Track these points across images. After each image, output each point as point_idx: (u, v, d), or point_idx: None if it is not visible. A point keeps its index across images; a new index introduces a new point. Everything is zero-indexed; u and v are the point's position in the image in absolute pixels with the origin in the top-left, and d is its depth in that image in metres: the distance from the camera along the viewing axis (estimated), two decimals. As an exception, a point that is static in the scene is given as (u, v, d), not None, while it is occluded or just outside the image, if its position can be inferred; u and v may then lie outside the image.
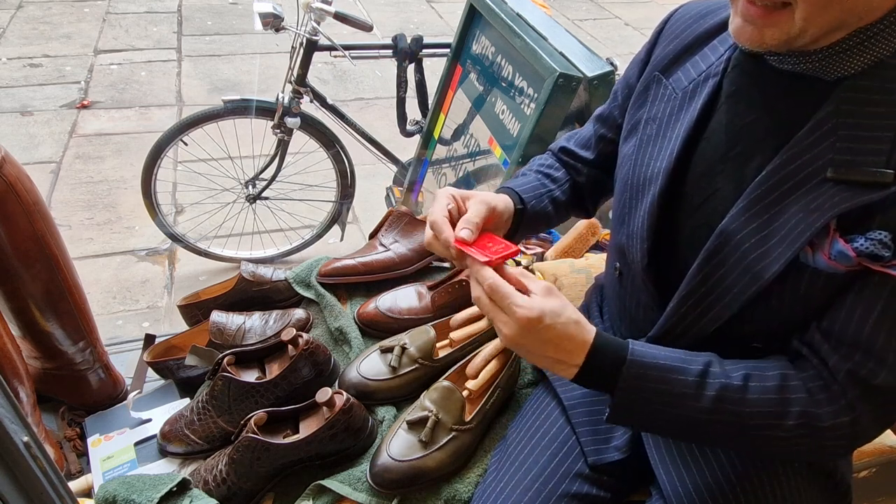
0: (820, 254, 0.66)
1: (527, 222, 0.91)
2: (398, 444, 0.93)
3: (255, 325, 1.15)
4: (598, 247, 1.58)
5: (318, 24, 2.08)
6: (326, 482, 0.93)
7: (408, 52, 2.30)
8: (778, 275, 0.67)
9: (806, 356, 0.71)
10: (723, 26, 0.79)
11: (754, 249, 0.69)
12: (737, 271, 0.71)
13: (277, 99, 2.18)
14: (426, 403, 0.96)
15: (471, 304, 1.12)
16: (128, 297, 2.39)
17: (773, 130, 0.70)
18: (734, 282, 0.71)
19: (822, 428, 0.69)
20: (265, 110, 2.19)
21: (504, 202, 0.85)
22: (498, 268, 0.72)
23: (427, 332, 1.06)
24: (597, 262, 1.35)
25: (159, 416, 1.11)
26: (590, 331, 0.70)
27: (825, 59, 0.65)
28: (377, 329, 1.16)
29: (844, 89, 0.65)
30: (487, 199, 0.81)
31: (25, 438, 0.54)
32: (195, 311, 1.22)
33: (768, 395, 0.69)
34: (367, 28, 2.09)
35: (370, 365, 1.04)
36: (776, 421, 0.69)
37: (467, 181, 2.02)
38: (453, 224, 0.78)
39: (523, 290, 0.70)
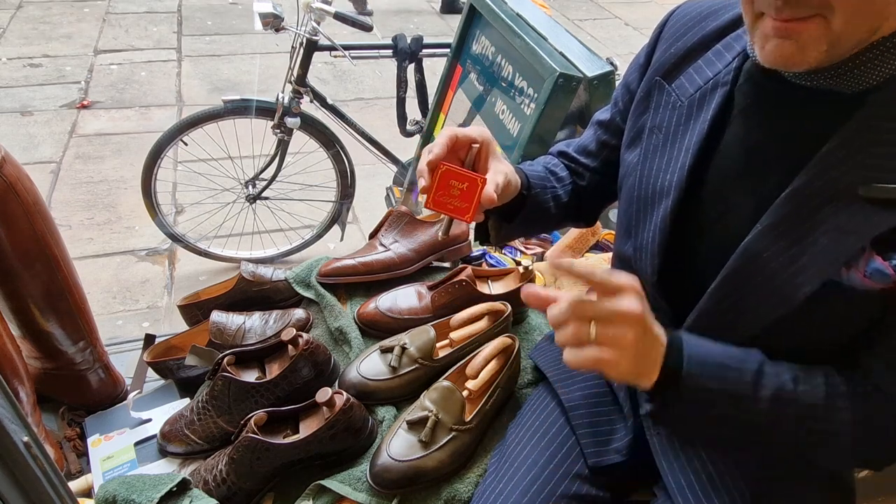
0: (854, 272, 0.64)
1: (528, 208, 0.89)
2: (398, 444, 0.93)
3: (255, 325, 1.15)
4: (598, 247, 1.58)
5: (318, 24, 2.08)
6: (326, 482, 0.93)
7: (408, 52, 2.30)
8: (811, 294, 0.66)
9: (854, 377, 0.70)
10: (726, 29, 0.77)
11: (783, 269, 0.67)
12: (763, 291, 0.69)
13: (277, 99, 2.18)
14: (426, 403, 0.96)
15: (470, 304, 1.12)
16: (128, 297, 2.39)
17: (790, 147, 0.68)
18: (760, 302, 0.69)
19: (871, 429, 0.69)
20: (265, 110, 2.19)
21: (515, 177, 0.83)
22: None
23: (427, 332, 1.06)
24: (597, 263, 1.35)
25: (159, 416, 1.11)
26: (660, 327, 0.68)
27: (845, 73, 0.62)
28: (377, 329, 1.16)
29: (871, 104, 0.62)
30: (507, 171, 0.80)
31: (25, 438, 0.54)
32: (195, 311, 1.22)
33: (817, 398, 0.68)
34: (367, 28, 2.09)
35: (370, 365, 1.04)
36: (825, 424, 0.68)
37: (467, 181, 2.02)
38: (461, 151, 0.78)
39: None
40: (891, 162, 0.62)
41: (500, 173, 0.77)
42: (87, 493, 1.04)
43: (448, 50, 2.17)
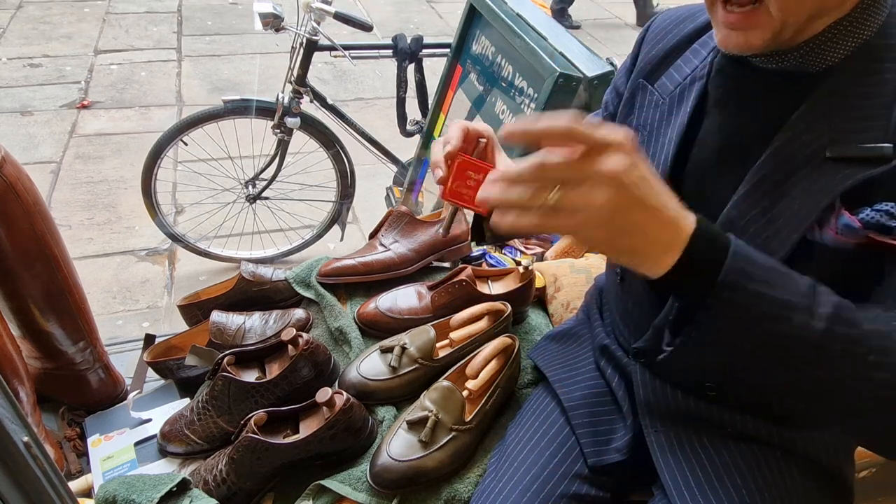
0: (827, 229, 0.66)
1: None
2: (398, 444, 0.93)
3: (255, 325, 1.15)
4: (598, 247, 1.57)
5: (318, 24, 2.08)
6: (326, 482, 0.93)
7: (408, 52, 2.30)
8: (787, 256, 0.67)
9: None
10: (703, 29, 0.80)
11: (762, 232, 0.69)
12: None
13: (277, 99, 2.18)
14: (426, 403, 0.96)
15: (470, 304, 1.12)
16: (128, 297, 2.39)
17: (763, 130, 0.71)
18: None
19: None
20: (265, 110, 2.19)
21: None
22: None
23: (427, 332, 1.06)
24: (597, 262, 1.35)
25: (159, 416, 1.11)
26: (689, 213, 0.56)
27: (808, 52, 0.66)
28: (377, 329, 1.16)
29: (836, 73, 0.65)
30: (511, 164, 0.82)
31: (25, 438, 0.54)
32: (195, 311, 1.22)
33: (877, 325, 0.58)
34: (367, 28, 2.09)
35: (370, 365, 1.04)
36: (886, 356, 0.57)
37: (467, 181, 2.02)
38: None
39: None
40: (854, 124, 0.64)
41: (508, 166, 0.79)
42: (87, 493, 1.04)
43: (448, 50, 2.17)
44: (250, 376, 1.03)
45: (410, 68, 2.39)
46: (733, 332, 0.56)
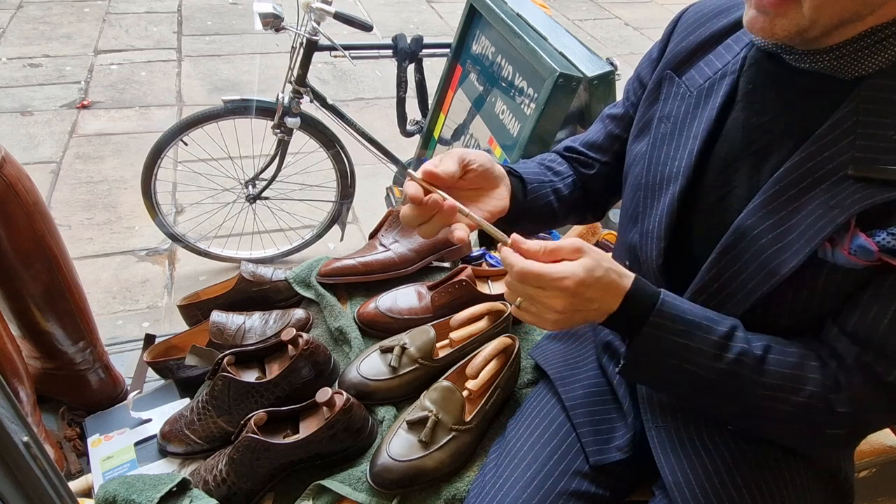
0: (839, 249, 0.66)
1: (528, 208, 0.89)
2: (398, 444, 0.93)
3: (255, 325, 1.15)
4: (598, 247, 1.58)
5: (318, 24, 2.08)
6: (326, 482, 0.93)
7: (408, 52, 2.30)
8: (795, 271, 0.67)
9: (822, 351, 0.72)
10: (737, 25, 0.79)
11: (771, 245, 0.69)
12: (752, 267, 0.71)
13: (277, 99, 2.18)
14: (426, 403, 0.96)
15: (470, 304, 1.12)
16: (128, 297, 2.39)
17: (789, 129, 0.70)
18: (749, 277, 0.71)
19: (825, 414, 0.69)
20: (265, 110, 2.19)
21: (501, 171, 0.84)
22: (518, 247, 0.69)
23: (427, 332, 1.06)
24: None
25: (159, 416, 1.11)
26: (628, 277, 0.70)
27: (842, 57, 0.65)
28: (377, 329, 1.16)
29: (865, 87, 0.65)
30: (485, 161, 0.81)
31: (25, 438, 0.55)
32: (195, 311, 1.22)
33: (784, 370, 0.70)
34: (367, 28, 2.09)
35: (370, 365, 1.04)
36: (785, 395, 0.70)
37: (467, 181, 2.02)
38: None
39: (554, 261, 0.69)
40: (879, 143, 0.64)
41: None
42: (87, 493, 1.04)
43: (448, 50, 2.17)
44: (250, 376, 1.03)
45: (410, 68, 2.39)
46: (651, 363, 0.73)
